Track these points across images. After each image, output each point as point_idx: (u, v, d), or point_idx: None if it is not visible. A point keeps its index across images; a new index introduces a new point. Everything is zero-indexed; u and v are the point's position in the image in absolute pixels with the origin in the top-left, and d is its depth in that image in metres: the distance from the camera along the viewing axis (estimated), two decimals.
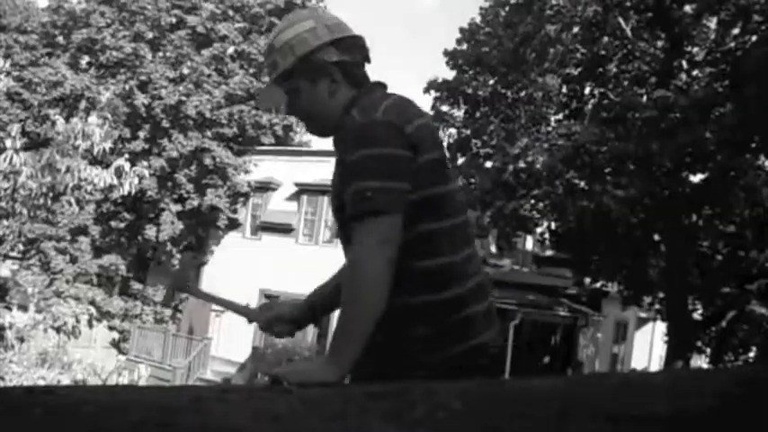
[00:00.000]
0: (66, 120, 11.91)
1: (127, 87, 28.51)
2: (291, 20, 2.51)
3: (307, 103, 2.47)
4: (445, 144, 24.34)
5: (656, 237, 20.50)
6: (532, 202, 23.28)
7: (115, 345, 29.01)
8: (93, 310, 13.28)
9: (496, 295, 24.82)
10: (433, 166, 2.29)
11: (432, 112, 24.68)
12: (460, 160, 24.68)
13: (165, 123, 27.86)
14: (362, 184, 2.16)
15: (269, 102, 2.78)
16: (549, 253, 29.92)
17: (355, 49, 2.50)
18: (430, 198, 2.27)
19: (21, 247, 25.54)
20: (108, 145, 11.73)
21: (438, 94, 24.83)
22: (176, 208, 28.03)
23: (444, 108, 25.04)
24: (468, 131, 24.66)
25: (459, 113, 25.08)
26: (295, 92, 2.47)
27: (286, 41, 2.44)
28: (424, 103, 23.52)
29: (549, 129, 23.19)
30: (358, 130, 2.27)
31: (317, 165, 27.11)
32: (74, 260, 28.21)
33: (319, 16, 2.51)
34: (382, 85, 2.54)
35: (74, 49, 30.37)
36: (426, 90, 24.85)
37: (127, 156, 13.96)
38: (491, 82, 23.80)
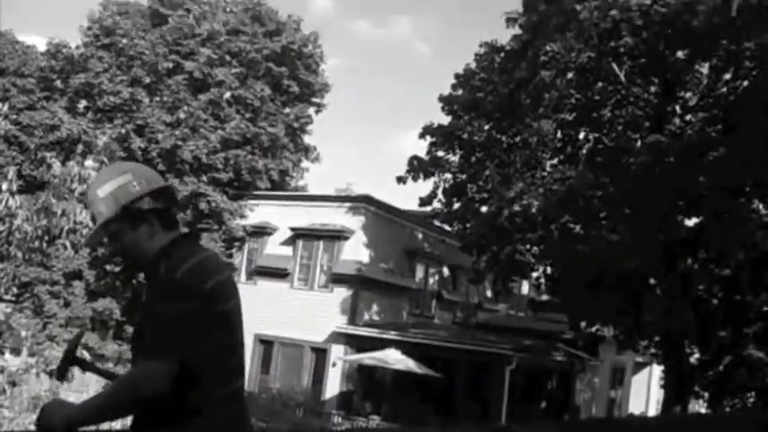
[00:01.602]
0: (63, 163, 11.92)
1: (123, 131, 28.62)
2: (112, 173, 2.93)
3: (128, 244, 2.88)
4: (440, 189, 24.47)
5: (652, 281, 20.47)
6: (528, 246, 23.26)
7: None
8: (86, 354, 13.15)
9: (492, 340, 24.77)
10: (226, 315, 2.84)
11: (427, 157, 24.76)
12: (456, 205, 24.69)
13: (162, 167, 27.93)
14: (158, 332, 2.65)
15: (97, 243, 3.43)
16: (544, 297, 29.88)
17: (167, 197, 2.96)
18: (216, 343, 2.77)
19: (15, 290, 25.41)
20: None
21: (434, 139, 24.86)
22: None
23: (440, 153, 25.06)
24: (464, 176, 24.65)
25: (454, 158, 25.08)
26: (117, 235, 2.87)
27: (110, 192, 2.83)
28: (420, 148, 23.43)
29: (545, 173, 23.24)
30: (162, 286, 2.76)
31: (313, 210, 27.16)
32: (67, 304, 28.07)
33: (136, 170, 2.94)
34: (194, 236, 3.10)
35: (71, 93, 30.52)
36: (422, 135, 24.91)
37: None
38: (486, 127, 23.86)
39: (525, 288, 33.97)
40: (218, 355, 2.80)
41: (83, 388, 26.58)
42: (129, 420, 2.90)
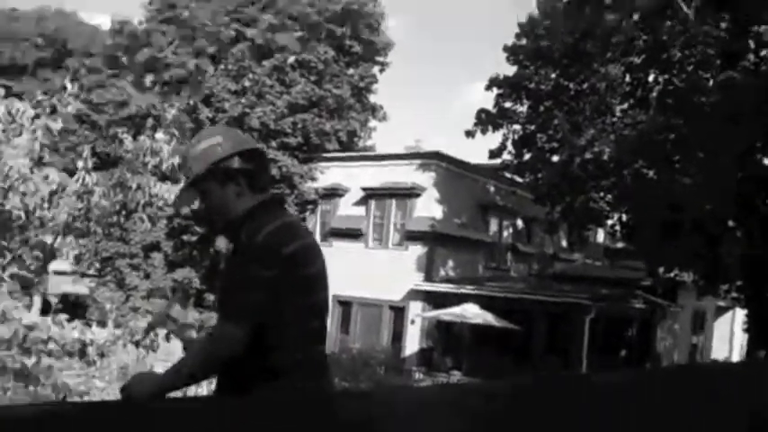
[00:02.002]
0: (134, 138, 12.05)
1: (191, 103, 28.92)
2: (204, 135, 3.07)
3: (216, 203, 2.98)
4: (510, 141, 24.24)
5: (731, 223, 20.06)
6: (601, 194, 22.98)
7: None
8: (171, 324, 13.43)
9: (570, 290, 24.58)
10: (307, 279, 2.88)
11: (495, 110, 24.57)
12: (526, 156, 24.49)
13: None
14: (231, 294, 2.83)
15: (186, 202, 3.40)
16: (620, 245, 29.51)
17: (257, 159, 3.04)
18: (299, 306, 2.84)
19: (97, 264, 26.04)
20: (176, 160, 11.83)
21: (500, 91, 24.63)
22: None
23: (507, 104, 24.84)
24: (533, 126, 24.42)
25: (522, 109, 24.84)
26: (206, 193, 2.99)
27: (200, 151, 2.96)
28: (487, 101, 23.19)
29: (615, 119, 22.88)
30: (243, 251, 2.86)
31: (383, 168, 27.14)
32: (147, 276, 28.67)
33: (227, 132, 3.10)
34: (279, 200, 3.15)
35: (138, 68, 30.92)
36: (488, 87, 24.71)
37: None
38: (553, 75, 23.55)
39: (601, 236, 33.62)
40: (299, 319, 2.85)
41: (168, 357, 27.29)
42: (213, 385, 3.02)
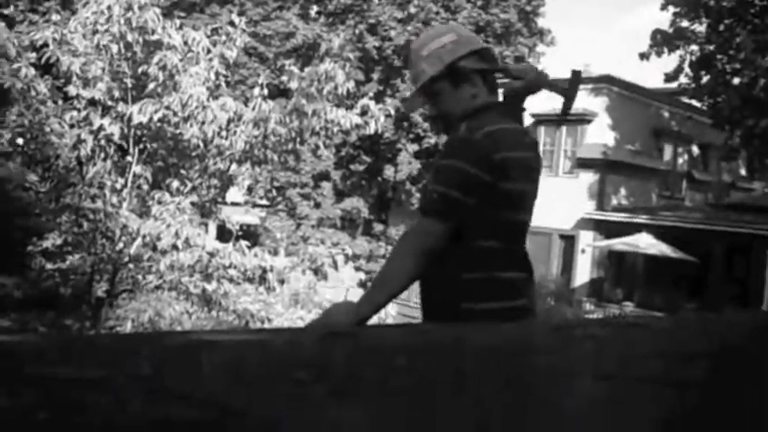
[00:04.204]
0: (301, 69, 11.98)
1: (357, 32, 28.87)
2: (434, 33, 2.86)
3: (448, 105, 2.78)
4: (687, 63, 23.10)
5: None
6: None
7: (362, 285, 29.83)
8: (348, 250, 13.50)
9: (749, 221, 23.31)
10: (512, 195, 2.64)
11: (671, 30, 23.49)
12: (705, 78, 23.37)
13: (397, 64, 28.06)
14: (432, 186, 2.59)
15: (415, 106, 3.09)
16: None
17: (490, 58, 2.86)
18: (498, 221, 2.63)
19: (273, 193, 26.60)
20: (351, 85, 11.72)
21: (677, 10, 23.48)
22: (413, 147, 28.26)
23: (684, 24, 23.66)
24: (712, 47, 23.24)
25: (701, 28, 23.62)
26: (438, 94, 2.79)
27: (433, 51, 2.76)
28: (664, 21, 22.22)
29: None
30: (453, 142, 2.69)
31: (552, 94, 26.44)
32: (317, 205, 29.14)
33: (458, 29, 2.90)
34: (518, 107, 2.91)
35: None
36: (664, 6, 23.61)
37: (370, 95, 13.95)
38: None
39: None
40: (495, 236, 2.65)
41: (338, 284, 27.82)
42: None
